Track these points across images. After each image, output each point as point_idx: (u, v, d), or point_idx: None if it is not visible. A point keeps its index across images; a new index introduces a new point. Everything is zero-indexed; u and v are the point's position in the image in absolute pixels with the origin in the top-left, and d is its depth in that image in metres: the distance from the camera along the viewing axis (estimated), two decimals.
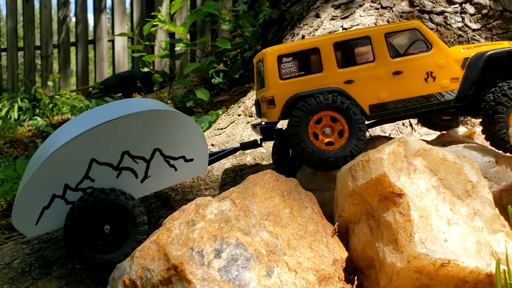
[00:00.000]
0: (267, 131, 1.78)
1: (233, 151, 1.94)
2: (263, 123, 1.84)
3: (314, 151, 1.64)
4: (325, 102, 1.64)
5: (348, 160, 1.63)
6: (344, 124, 1.66)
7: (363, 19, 2.85)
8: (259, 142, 1.94)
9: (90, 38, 6.67)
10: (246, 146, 1.94)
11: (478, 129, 1.92)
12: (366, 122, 1.71)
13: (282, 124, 2.00)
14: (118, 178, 1.64)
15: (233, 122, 2.39)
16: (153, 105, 1.71)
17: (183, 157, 1.72)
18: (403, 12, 2.86)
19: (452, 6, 2.89)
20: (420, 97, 1.70)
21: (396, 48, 1.73)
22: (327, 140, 1.66)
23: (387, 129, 2.39)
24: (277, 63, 1.70)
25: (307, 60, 1.70)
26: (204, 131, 2.56)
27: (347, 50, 1.71)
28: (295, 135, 1.64)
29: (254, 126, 1.91)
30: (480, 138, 1.91)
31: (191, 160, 1.73)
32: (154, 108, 1.65)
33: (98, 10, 6.61)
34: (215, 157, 1.87)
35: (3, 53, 6.52)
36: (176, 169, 1.71)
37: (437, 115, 1.96)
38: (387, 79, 1.69)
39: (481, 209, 1.45)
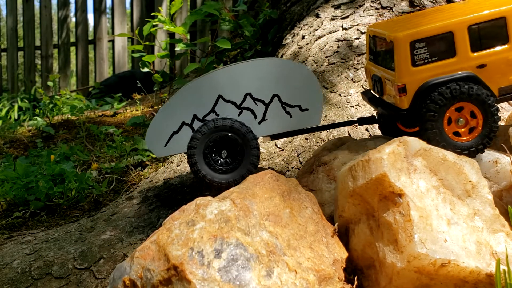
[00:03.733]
0: (395, 119, 1.74)
1: (349, 123, 1.96)
2: (386, 100, 1.77)
3: (447, 142, 1.61)
4: (461, 93, 1.59)
5: (480, 150, 1.62)
6: (480, 120, 1.61)
7: (363, 19, 2.85)
8: (376, 118, 1.93)
9: (90, 38, 6.67)
10: (364, 121, 1.96)
11: None
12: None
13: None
14: (239, 116, 1.81)
15: None
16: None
17: (299, 106, 1.83)
18: (403, 12, 2.86)
19: None
20: None
21: None
22: (456, 130, 1.63)
23: None
24: (410, 49, 1.62)
25: (440, 45, 1.62)
26: None
27: (480, 33, 1.62)
28: (431, 130, 1.61)
29: (370, 101, 1.85)
30: None
31: (306, 110, 1.83)
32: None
33: (98, 10, 6.61)
34: (329, 125, 1.93)
35: (3, 53, 6.52)
36: (291, 117, 1.83)
37: None
38: None
39: (481, 209, 1.45)
